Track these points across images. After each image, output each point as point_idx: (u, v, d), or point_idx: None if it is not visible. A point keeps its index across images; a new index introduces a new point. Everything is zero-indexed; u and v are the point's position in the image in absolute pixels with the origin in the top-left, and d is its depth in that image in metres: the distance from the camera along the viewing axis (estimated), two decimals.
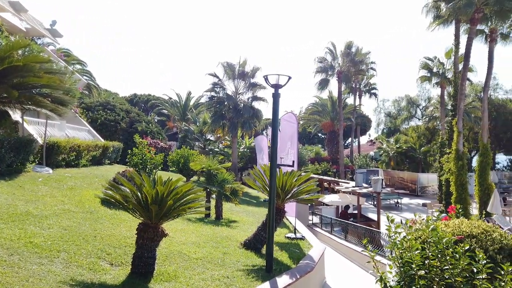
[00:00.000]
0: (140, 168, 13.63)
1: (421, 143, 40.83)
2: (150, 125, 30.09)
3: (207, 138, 33.94)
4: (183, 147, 20.56)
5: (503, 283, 3.90)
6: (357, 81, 44.12)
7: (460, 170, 19.94)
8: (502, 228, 16.35)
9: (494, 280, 4.03)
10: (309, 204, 22.33)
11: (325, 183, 27.68)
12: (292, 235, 11.52)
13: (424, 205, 26.08)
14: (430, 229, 4.36)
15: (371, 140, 57.21)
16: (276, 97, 7.74)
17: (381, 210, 25.33)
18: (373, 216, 21.05)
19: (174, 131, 42.57)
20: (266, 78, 7.82)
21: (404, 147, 40.25)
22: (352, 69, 36.71)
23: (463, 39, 21.55)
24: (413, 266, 4.10)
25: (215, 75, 28.95)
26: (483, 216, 20.08)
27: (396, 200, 28.32)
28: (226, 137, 33.11)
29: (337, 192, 22.35)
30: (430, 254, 4.23)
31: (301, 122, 57.12)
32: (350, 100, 47.23)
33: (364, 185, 22.06)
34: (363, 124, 52.65)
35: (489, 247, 4.84)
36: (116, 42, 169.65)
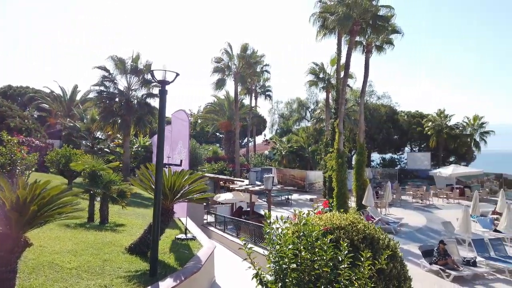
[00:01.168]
0: (8, 170, 11.93)
1: (310, 143, 43.99)
2: (26, 121, 26.69)
3: (96, 136, 31.44)
4: (64, 146, 18.64)
5: (362, 269, 4.31)
6: (253, 83, 45.52)
7: (341, 168, 21.96)
8: (374, 218, 18.36)
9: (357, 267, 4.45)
10: (204, 204, 22.28)
11: (221, 182, 27.94)
12: (183, 236, 11.29)
13: (311, 200, 28.11)
14: (302, 224, 4.63)
15: (266, 140, 59.69)
16: (162, 93, 7.46)
17: (273, 206, 26.49)
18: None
19: (57, 129, 38.46)
20: (152, 73, 7.49)
21: (295, 147, 42.92)
22: (248, 70, 37.72)
23: (345, 49, 23.76)
24: (286, 260, 4.29)
25: (104, 69, 26.96)
26: (359, 208, 22.45)
27: (286, 197, 29.98)
28: (118, 135, 31.15)
29: (232, 190, 22.71)
30: (302, 247, 4.49)
31: (199, 121, 56.84)
32: (246, 101, 48.53)
33: (257, 183, 22.84)
34: (259, 124, 54.66)
35: (354, 237, 5.33)
36: None
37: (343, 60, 24.09)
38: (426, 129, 42.99)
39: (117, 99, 27.06)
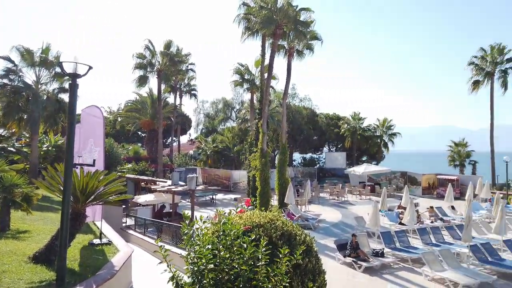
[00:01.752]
0: None
1: (235, 142, 44.33)
2: None
3: None
4: None
5: (280, 266, 4.40)
6: (177, 81, 44.49)
7: (264, 167, 22.45)
8: (295, 215, 18.96)
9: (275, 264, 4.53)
10: (123, 206, 21.17)
11: (142, 183, 26.81)
12: (97, 240, 10.57)
13: (235, 199, 28.28)
14: (221, 223, 4.59)
15: (191, 140, 58.75)
16: (73, 88, 6.87)
17: (197, 206, 26.12)
18: (189, 213, 21.48)
19: None
20: (61, 66, 6.86)
21: (220, 146, 42.91)
22: (172, 68, 36.76)
23: (269, 51, 24.27)
24: (204, 260, 4.21)
25: (8, 59, 24.22)
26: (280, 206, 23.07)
27: (211, 196, 29.81)
28: (25, 133, 28.23)
29: (154, 191, 21.92)
30: (221, 246, 4.45)
31: (119, 119, 53.90)
32: (170, 100, 47.30)
33: (181, 183, 22.34)
34: (184, 124, 53.56)
35: (272, 234, 5.44)
36: None
37: (267, 61, 24.64)
38: (342, 130, 45.92)
39: (23, 93, 24.48)
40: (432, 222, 19.66)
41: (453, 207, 22.83)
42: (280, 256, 4.39)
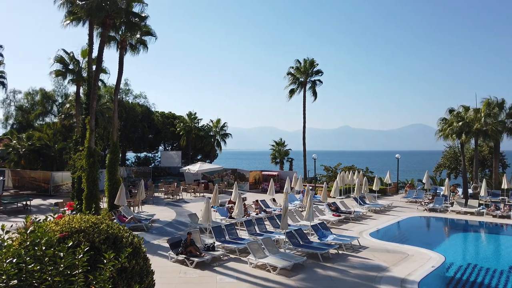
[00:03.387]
0: None
1: (57, 140, 39.22)
2: None
3: None
4: None
5: (103, 272, 4.08)
6: None
7: (92, 167, 20.58)
8: (126, 217, 17.90)
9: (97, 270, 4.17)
10: None
11: None
12: None
13: (56, 204, 25.03)
14: (29, 232, 3.97)
15: None
16: None
17: (4, 215, 22.11)
18: None
19: None
20: None
21: (38, 144, 37.19)
22: None
23: (98, 42, 22.28)
24: (3, 277, 3.55)
25: None
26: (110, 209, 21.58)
27: (24, 202, 25.58)
28: None
29: None
30: (28, 258, 3.84)
31: None
32: None
33: None
34: None
35: (95, 239, 5.02)
36: None
37: (95, 53, 22.63)
38: (178, 129, 46.12)
39: None
40: (257, 214, 21.67)
41: (274, 200, 25.71)
42: (105, 261, 4.08)
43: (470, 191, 28.85)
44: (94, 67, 22.88)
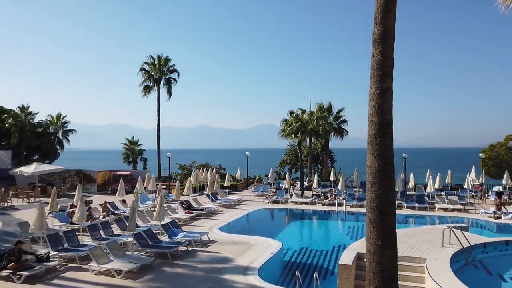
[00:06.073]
0: None
1: None
2: None
3: None
4: None
5: None
6: None
7: None
8: None
9: None
10: None
11: None
12: None
13: None
14: None
15: None
16: None
17: None
18: None
19: None
20: None
21: None
22: None
23: None
24: None
25: None
26: None
27: None
28: None
29: None
30: None
31: None
32: None
33: None
34: None
35: None
36: None
37: None
38: (7, 125, 39.51)
39: None
40: (104, 217, 20.28)
41: (124, 201, 24.47)
42: None
43: (306, 183, 32.92)
44: None
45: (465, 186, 28.04)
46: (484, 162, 35.73)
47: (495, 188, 29.21)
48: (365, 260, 7.96)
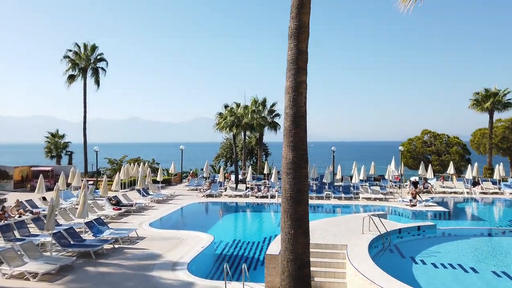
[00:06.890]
0: None
1: None
2: None
3: None
4: None
5: None
6: None
7: None
8: None
9: None
10: None
11: None
12: None
13: None
14: None
15: None
16: None
17: None
18: None
19: None
20: None
21: None
22: None
23: None
24: None
25: None
26: None
27: None
28: None
29: None
30: None
31: None
32: None
33: None
34: None
35: None
36: None
37: None
38: None
39: None
40: (20, 216, 18.66)
41: (44, 198, 22.73)
42: None
43: (240, 177, 33.18)
44: None
45: (386, 177, 30.23)
46: (403, 155, 38.79)
47: (412, 178, 31.94)
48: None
